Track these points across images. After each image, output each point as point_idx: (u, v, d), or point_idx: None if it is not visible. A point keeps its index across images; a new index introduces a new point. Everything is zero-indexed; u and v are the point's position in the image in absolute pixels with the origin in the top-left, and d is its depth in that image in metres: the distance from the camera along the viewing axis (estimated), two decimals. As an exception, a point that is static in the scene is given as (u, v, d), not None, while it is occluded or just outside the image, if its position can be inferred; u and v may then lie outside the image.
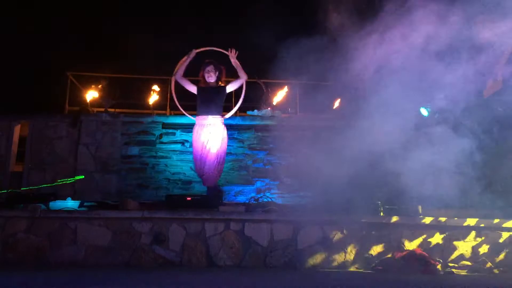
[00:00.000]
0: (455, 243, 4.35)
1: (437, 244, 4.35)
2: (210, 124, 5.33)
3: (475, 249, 4.33)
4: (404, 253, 4.15)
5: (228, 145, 7.28)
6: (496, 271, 4.14)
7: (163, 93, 8.18)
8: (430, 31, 4.92)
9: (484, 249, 4.32)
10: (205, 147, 5.25)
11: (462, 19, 4.69)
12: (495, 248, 4.32)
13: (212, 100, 5.39)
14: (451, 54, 4.90)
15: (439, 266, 3.99)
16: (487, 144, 5.44)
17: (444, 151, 4.87)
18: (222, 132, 5.41)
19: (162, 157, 7.11)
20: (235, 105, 6.13)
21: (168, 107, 8.16)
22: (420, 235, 4.36)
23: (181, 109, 5.91)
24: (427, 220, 4.39)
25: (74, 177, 6.94)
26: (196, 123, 5.49)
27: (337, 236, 4.31)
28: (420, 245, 4.32)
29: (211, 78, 5.42)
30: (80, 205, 4.91)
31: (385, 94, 5.10)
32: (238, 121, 7.31)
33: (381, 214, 4.57)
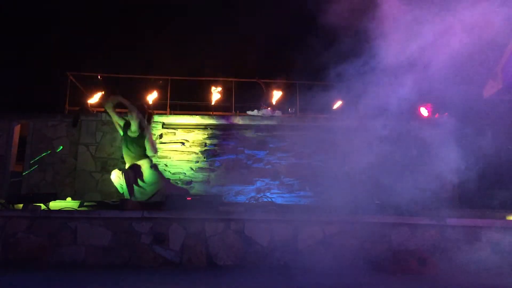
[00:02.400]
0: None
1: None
2: None
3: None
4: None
5: (228, 145, 7.31)
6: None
7: (163, 93, 8.18)
8: (430, 31, 4.92)
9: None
10: None
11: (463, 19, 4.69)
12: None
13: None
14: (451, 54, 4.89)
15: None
16: None
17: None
18: None
19: (162, 157, 7.11)
20: (234, 106, 6.13)
21: (168, 107, 8.16)
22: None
23: None
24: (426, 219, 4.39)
25: (74, 177, 6.94)
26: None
27: (337, 236, 4.30)
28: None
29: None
30: (80, 205, 4.91)
31: (384, 94, 5.09)
32: (238, 121, 7.32)
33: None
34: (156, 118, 7.40)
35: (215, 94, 8.07)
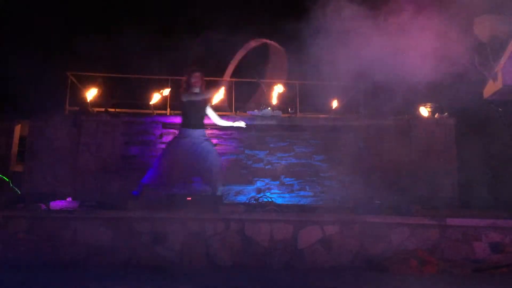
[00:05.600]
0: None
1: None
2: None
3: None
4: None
5: (228, 145, 7.31)
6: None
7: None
8: (430, 30, 4.92)
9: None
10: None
11: (463, 18, 4.70)
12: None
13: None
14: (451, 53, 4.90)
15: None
16: None
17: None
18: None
19: (162, 157, 7.11)
20: (234, 106, 6.11)
21: (168, 107, 8.14)
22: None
23: None
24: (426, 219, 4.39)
25: (74, 177, 6.93)
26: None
27: (337, 236, 4.30)
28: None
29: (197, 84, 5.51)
30: (80, 205, 4.91)
31: (384, 94, 5.10)
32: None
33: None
34: (156, 118, 7.39)
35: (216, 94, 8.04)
